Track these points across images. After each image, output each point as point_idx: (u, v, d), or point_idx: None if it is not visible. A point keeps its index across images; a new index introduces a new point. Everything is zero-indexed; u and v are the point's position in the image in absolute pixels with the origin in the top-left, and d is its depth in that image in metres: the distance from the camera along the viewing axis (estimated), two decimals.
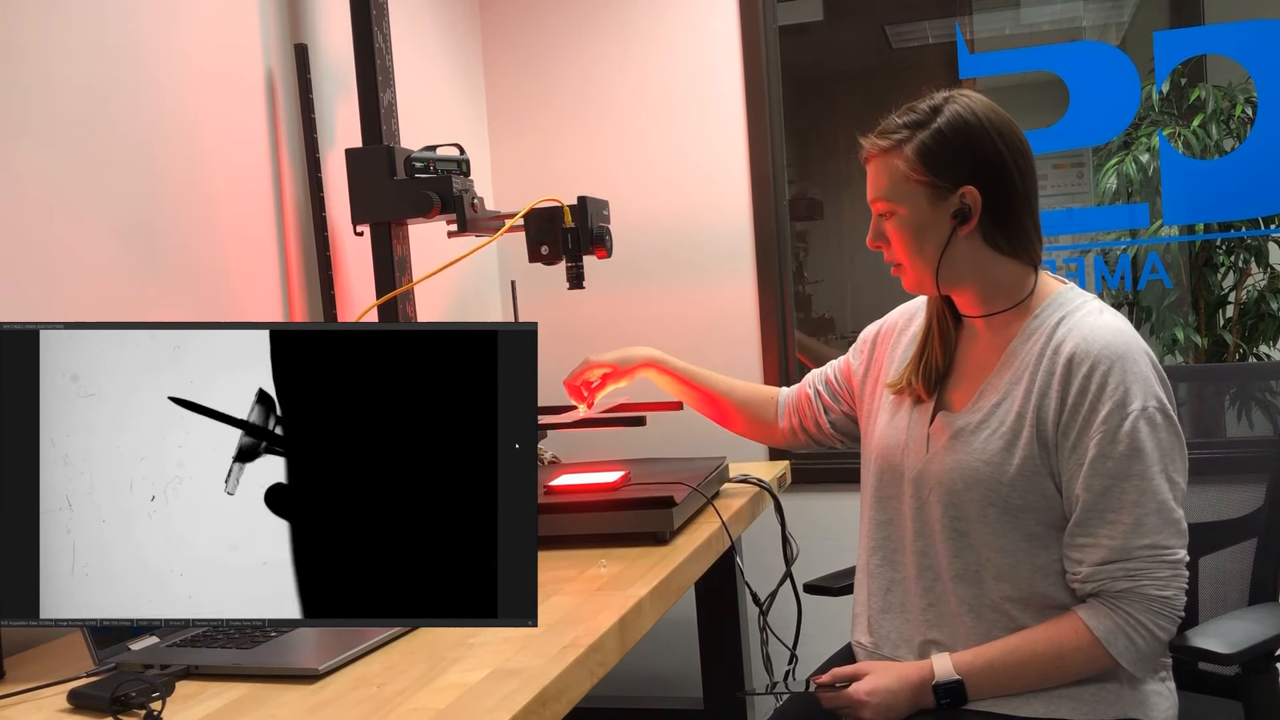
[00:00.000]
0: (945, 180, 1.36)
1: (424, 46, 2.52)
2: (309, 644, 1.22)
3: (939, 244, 1.37)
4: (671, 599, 1.46)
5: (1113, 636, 1.27)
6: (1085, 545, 1.29)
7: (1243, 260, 2.82)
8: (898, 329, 1.60)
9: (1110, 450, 1.27)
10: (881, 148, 1.39)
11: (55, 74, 1.50)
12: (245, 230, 1.88)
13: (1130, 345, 1.31)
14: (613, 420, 1.92)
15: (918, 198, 1.37)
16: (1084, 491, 1.29)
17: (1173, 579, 1.27)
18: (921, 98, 1.40)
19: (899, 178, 1.37)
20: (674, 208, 2.68)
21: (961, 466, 1.36)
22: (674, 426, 2.47)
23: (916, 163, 1.36)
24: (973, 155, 1.36)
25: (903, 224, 1.39)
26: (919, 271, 1.41)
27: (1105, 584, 1.28)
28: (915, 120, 1.37)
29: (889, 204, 1.39)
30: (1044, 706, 1.31)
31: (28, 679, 1.20)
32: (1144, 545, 1.26)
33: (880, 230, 1.43)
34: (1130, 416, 1.27)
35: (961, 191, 1.35)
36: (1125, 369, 1.29)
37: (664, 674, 2.70)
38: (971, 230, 1.37)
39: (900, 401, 1.51)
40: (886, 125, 1.40)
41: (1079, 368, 1.30)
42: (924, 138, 1.36)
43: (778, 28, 2.68)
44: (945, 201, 1.36)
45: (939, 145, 1.36)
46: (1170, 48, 2.49)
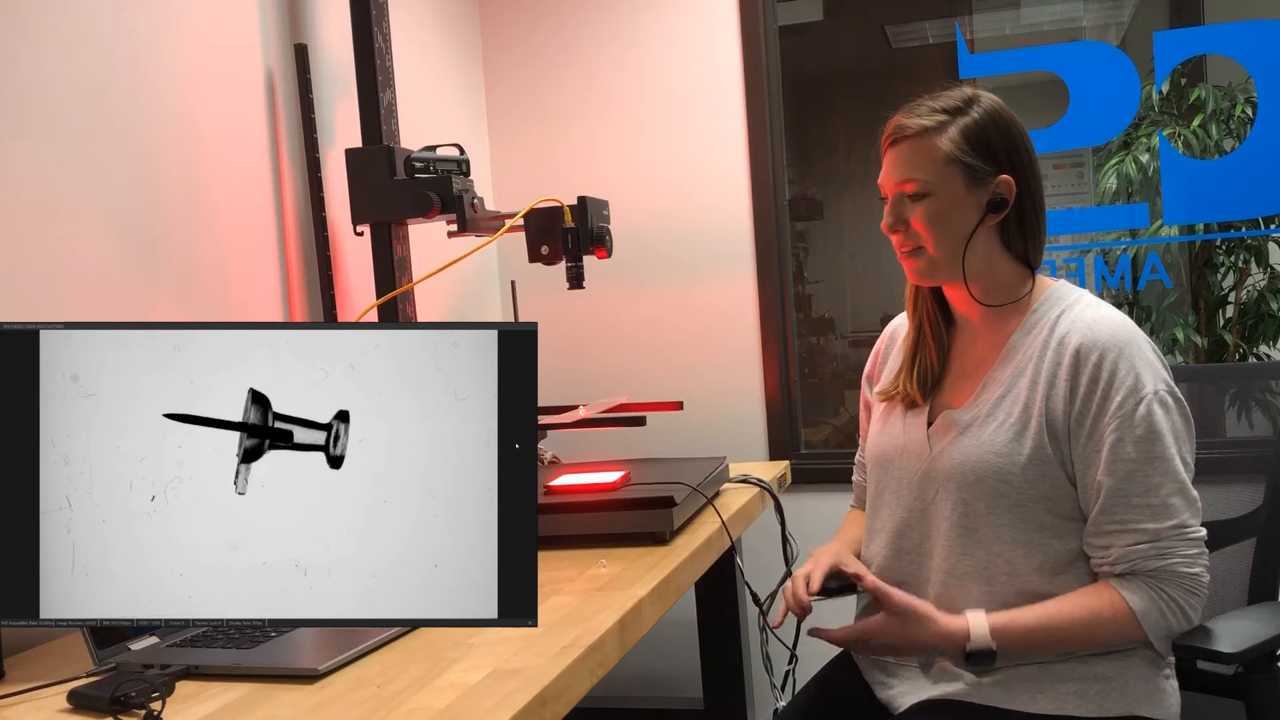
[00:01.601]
0: (988, 164, 1.36)
1: (424, 46, 2.52)
2: (309, 644, 1.22)
3: (967, 230, 1.37)
4: (671, 599, 1.46)
5: (1148, 612, 1.28)
6: (1113, 531, 1.30)
7: (1243, 260, 2.82)
8: (887, 338, 1.61)
9: (1129, 434, 1.28)
10: (925, 127, 1.37)
11: (55, 74, 1.50)
12: (245, 230, 1.88)
13: (1133, 333, 1.33)
14: (613, 420, 1.92)
15: (955, 180, 1.36)
16: (1107, 477, 1.30)
17: (1199, 556, 1.29)
18: (943, 91, 1.40)
19: (939, 158, 1.36)
20: (674, 208, 2.68)
21: (971, 459, 1.36)
22: (674, 426, 2.48)
23: (963, 143, 1.35)
24: (1010, 147, 1.38)
25: (934, 206, 1.37)
26: (942, 255, 1.39)
27: (1138, 563, 1.29)
28: (954, 106, 1.37)
29: (923, 184, 1.37)
30: (1051, 703, 1.31)
31: (28, 679, 1.20)
32: (1171, 525, 1.28)
33: (900, 214, 1.40)
34: (1144, 400, 1.29)
35: (999, 180, 1.36)
36: (1133, 355, 1.31)
37: (664, 674, 2.70)
38: (998, 221, 1.38)
39: (891, 408, 1.51)
40: (917, 109, 1.39)
41: (1088, 357, 1.31)
42: (968, 121, 1.36)
43: (778, 28, 2.68)
44: (982, 187, 1.36)
45: (982, 130, 1.36)
46: (1170, 48, 2.49)
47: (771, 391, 2.64)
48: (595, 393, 2.51)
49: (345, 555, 1.06)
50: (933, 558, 1.41)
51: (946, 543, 1.39)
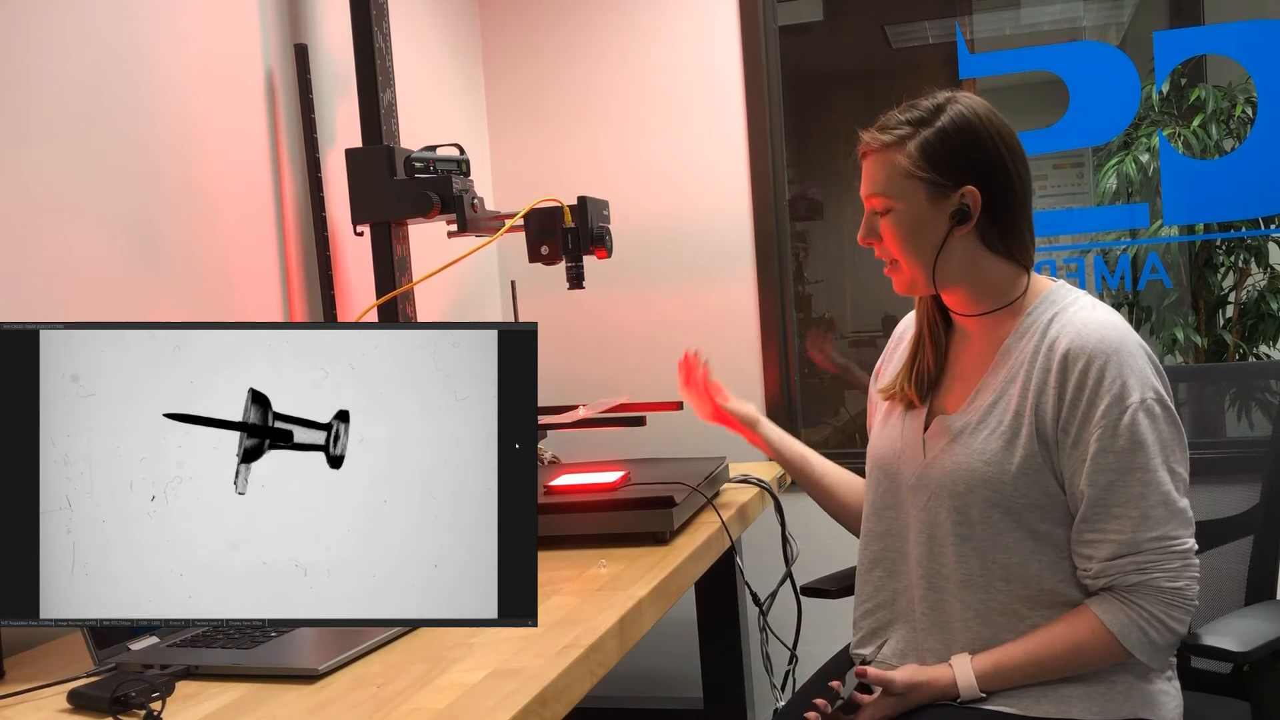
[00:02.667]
0: (947, 178, 1.35)
1: (424, 46, 2.52)
2: (309, 644, 1.22)
3: (935, 243, 1.37)
4: (671, 599, 1.46)
5: (1127, 631, 1.27)
6: (1094, 541, 1.29)
7: (1243, 260, 2.82)
8: (895, 338, 1.61)
9: (1111, 445, 1.27)
10: (883, 143, 1.38)
11: (55, 74, 1.50)
12: (245, 230, 1.88)
13: (1124, 339, 1.31)
14: (613, 420, 1.92)
15: (917, 195, 1.36)
16: (1088, 487, 1.29)
17: (1184, 569, 1.27)
18: (921, 97, 1.40)
19: (899, 174, 1.37)
20: (674, 208, 2.68)
21: (962, 468, 1.36)
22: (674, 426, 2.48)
23: (919, 159, 1.35)
24: (974, 155, 1.36)
25: (899, 221, 1.38)
26: (913, 270, 1.40)
27: (1117, 578, 1.28)
28: (918, 118, 1.37)
29: (886, 200, 1.38)
30: (1054, 706, 1.31)
31: (28, 679, 1.20)
32: (1152, 538, 1.27)
33: (874, 227, 1.42)
34: (1129, 410, 1.27)
35: (962, 191, 1.35)
36: (1121, 363, 1.29)
37: (664, 674, 2.70)
38: (969, 230, 1.37)
39: (893, 408, 1.51)
40: (887, 121, 1.39)
41: (1075, 363, 1.30)
42: (928, 135, 1.36)
43: (778, 28, 2.68)
44: (945, 200, 1.36)
45: (942, 143, 1.35)
46: (1170, 48, 2.49)
47: (771, 391, 2.64)
48: (595, 393, 2.50)
49: (345, 555, 1.06)
50: (927, 564, 1.40)
51: (941, 549, 1.39)
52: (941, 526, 1.38)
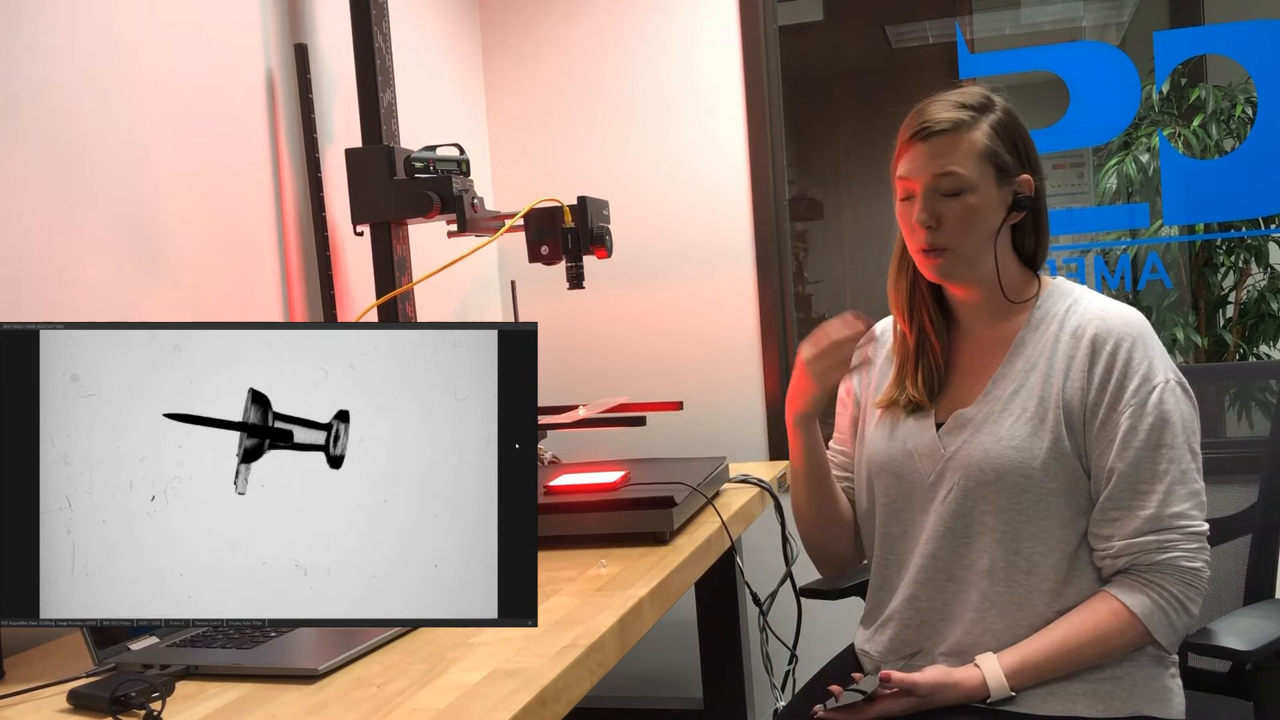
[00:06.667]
0: (1015, 162, 1.36)
1: (424, 46, 2.52)
2: (309, 644, 1.22)
3: (993, 229, 1.37)
4: (671, 599, 1.46)
5: (1150, 613, 1.28)
6: (1117, 519, 1.30)
7: (1243, 260, 2.83)
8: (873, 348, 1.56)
9: (1140, 422, 1.29)
10: (961, 120, 1.34)
11: (54, 73, 1.50)
12: (245, 230, 1.88)
13: (1144, 325, 1.36)
14: (613, 420, 1.92)
15: (989, 177, 1.35)
16: (1118, 462, 1.30)
17: (1199, 551, 1.29)
18: (953, 89, 1.39)
19: (977, 153, 1.34)
20: (674, 208, 2.68)
21: (990, 455, 1.35)
22: (674, 426, 2.48)
23: (997, 139, 1.35)
24: (1029, 145, 1.39)
25: (972, 202, 1.34)
26: (970, 253, 1.36)
27: (1138, 556, 1.29)
28: (977, 104, 1.36)
29: (962, 179, 1.34)
30: (1060, 705, 1.31)
31: (28, 679, 1.20)
32: (1173, 514, 1.28)
33: (936, 209, 1.35)
34: (1157, 388, 1.30)
35: (1022, 178, 1.37)
36: (1146, 345, 1.33)
37: (664, 674, 2.70)
38: (1020, 220, 1.38)
39: (894, 416, 1.48)
40: (942, 104, 1.36)
41: (1103, 346, 1.32)
42: (996, 118, 1.36)
43: (778, 28, 2.68)
44: (1008, 185, 1.37)
45: (1008, 129, 1.37)
46: (1170, 48, 2.49)
47: (771, 391, 2.64)
48: (595, 393, 2.51)
49: (345, 555, 1.06)
50: (945, 560, 1.40)
51: (962, 542, 1.38)
52: (965, 518, 1.37)
